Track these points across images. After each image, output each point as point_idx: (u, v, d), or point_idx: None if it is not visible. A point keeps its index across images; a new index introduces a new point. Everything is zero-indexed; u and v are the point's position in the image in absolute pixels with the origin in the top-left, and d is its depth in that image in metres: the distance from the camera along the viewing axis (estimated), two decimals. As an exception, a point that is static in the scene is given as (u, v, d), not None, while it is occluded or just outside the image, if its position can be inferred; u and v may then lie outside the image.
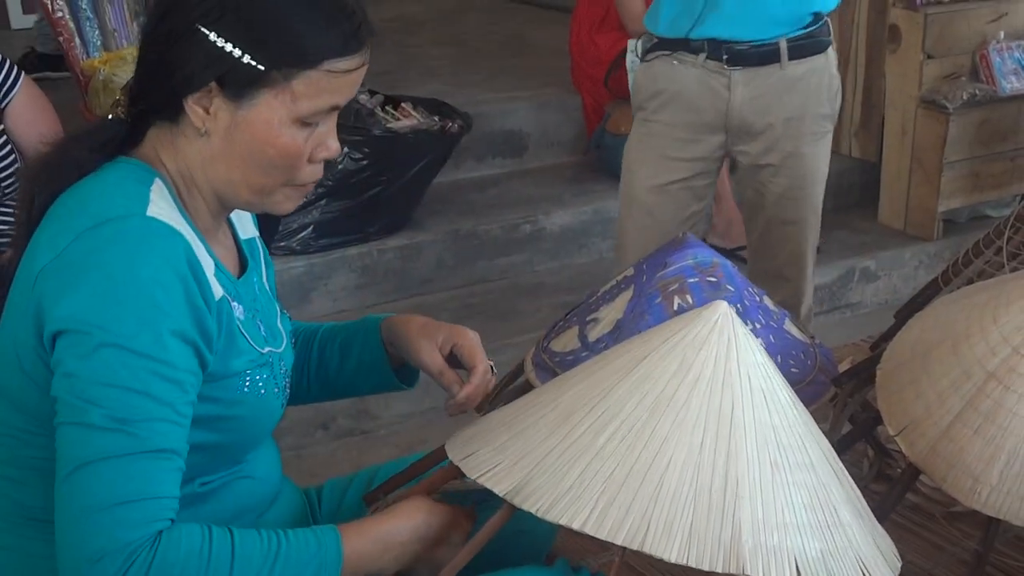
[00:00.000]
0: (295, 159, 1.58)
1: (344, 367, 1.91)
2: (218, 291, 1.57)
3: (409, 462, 1.88)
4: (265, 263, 1.82)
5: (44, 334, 1.48)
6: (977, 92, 4.79)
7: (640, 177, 3.35)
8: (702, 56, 3.17)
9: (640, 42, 3.34)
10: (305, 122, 1.56)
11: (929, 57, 4.82)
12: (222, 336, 1.57)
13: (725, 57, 3.15)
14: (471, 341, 1.84)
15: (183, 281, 1.49)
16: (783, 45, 3.14)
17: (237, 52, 1.52)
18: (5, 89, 3.32)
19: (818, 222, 3.40)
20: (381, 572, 1.59)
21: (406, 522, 1.61)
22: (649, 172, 3.33)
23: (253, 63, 1.52)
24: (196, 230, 1.58)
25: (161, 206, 1.52)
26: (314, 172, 1.63)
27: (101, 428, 1.42)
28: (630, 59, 4.26)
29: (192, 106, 1.55)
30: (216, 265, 1.59)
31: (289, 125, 1.55)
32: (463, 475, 1.59)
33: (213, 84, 1.53)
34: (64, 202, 1.56)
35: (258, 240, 1.83)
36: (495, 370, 1.88)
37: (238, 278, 1.69)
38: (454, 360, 1.86)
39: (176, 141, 1.60)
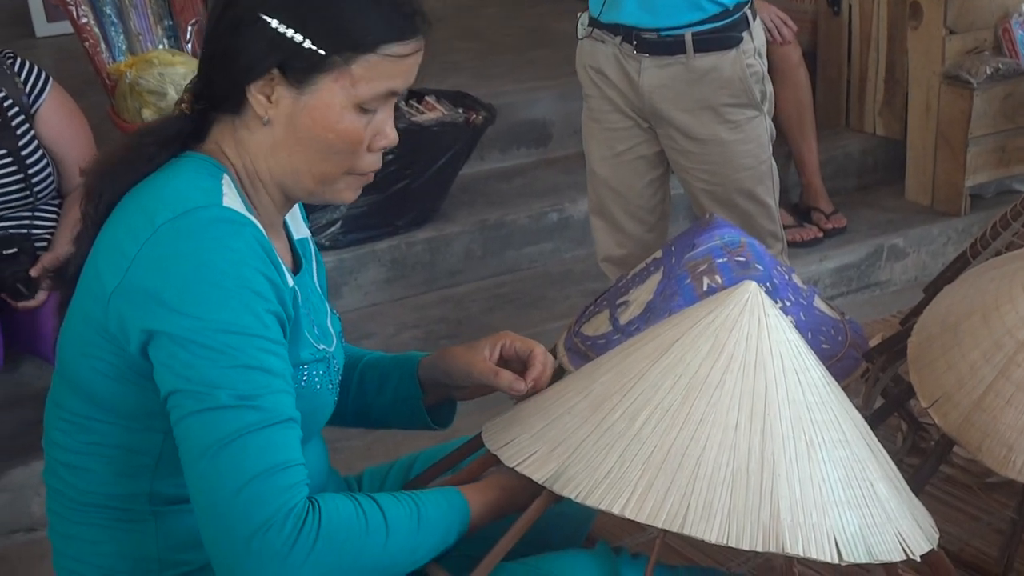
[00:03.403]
0: (355, 144, 1.61)
1: (379, 400, 1.93)
2: (290, 280, 1.60)
3: (447, 449, 1.90)
4: (317, 262, 1.85)
5: (133, 327, 1.50)
6: (1000, 66, 4.76)
7: (593, 151, 3.44)
8: (618, 39, 3.22)
9: (580, 20, 3.37)
10: (364, 108, 1.60)
11: (951, 32, 4.80)
12: (292, 324, 1.59)
13: (635, 43, 3.19)
14: (514, 336, 1.84)
15: (265, 266, 1.52)
16: (688, 38, 3.15)
17: (299, 38, 1.55)
18: (35, 95, 3.36)
19: (759, 205, 3.36)
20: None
21: (510, 480, 1.63)
22: (599, 145, 3.41)
23: (314, 48, 1.56)
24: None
25: (232, 199, 1.55)
26: (374, 161, 1.66)
27: (230, 407, 1.45)
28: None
29: (255, 95, 1.58)
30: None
31: (349, 110, 1.59)
32: (500, 463, 1.61)
33: (275, 71, 1.56)
34: (136, 196, 1.58)
35: (310, 240, 1.86)
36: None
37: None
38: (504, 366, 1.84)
39: (238, 133, 1.63)
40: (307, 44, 1.55)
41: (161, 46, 4.30)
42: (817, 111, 5.01)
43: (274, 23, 1.55)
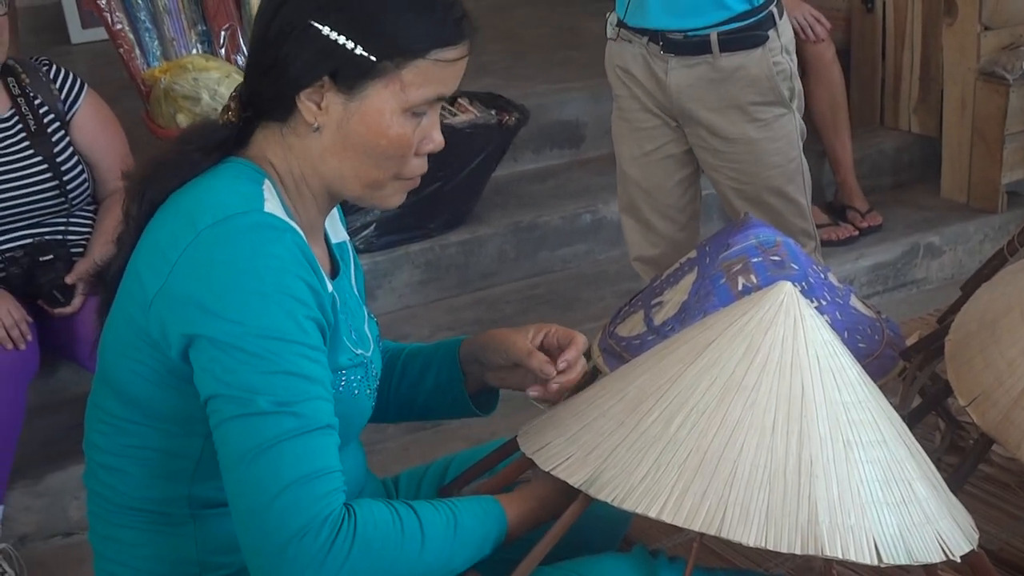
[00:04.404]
0: (405, 149, 1.62)
1: (422, 387, 1.93)
2: (329, 286, 1.60)
3: (483, 452, 1.90)
4: (355, 266, 1.85)
5: (174, 332, 1.50)
6: (1036, 61, 4.74)
7: (623, 151, 3.45)
8: (645, 39, 3.23)
9: (609, 20, 3.37)
10: (413, 112, 1.61)
11: (986, 28, 4.77)
12: (331, 329, 1.60)
13: (661, 43, 3.19)
14: (560, 328, 1.85)
15: (306, 272, 1.52)
16: (714, 38, 3.15)
17: (350, 44, 1.56)
18: (70, 102, 3.38)
19: (790, 203, 3.36)
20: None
21: (545, 490, 1.63)
22: (629, 145, 3.42)
23: (365, 54, 1.56)
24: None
25: (273, 204, 1.56)
26: (420, 165, 1.67)
27: (269, 413, 1.45)
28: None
29: (304, 102, 1.58)
30: None
31: (399, 115, 1.59)
32: (535, 467, 1.61)
33: (326, 78, 1.57)
34: (178, 201, 1.59)
35: (348, 244, 1.86)
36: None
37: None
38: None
39: (286, 140, 1.63)
40: (358, 51, 1.56)
41: (195, 51, 4.32)
42: (851, 109, 4.99)
43: (325, 30, 1.56)
